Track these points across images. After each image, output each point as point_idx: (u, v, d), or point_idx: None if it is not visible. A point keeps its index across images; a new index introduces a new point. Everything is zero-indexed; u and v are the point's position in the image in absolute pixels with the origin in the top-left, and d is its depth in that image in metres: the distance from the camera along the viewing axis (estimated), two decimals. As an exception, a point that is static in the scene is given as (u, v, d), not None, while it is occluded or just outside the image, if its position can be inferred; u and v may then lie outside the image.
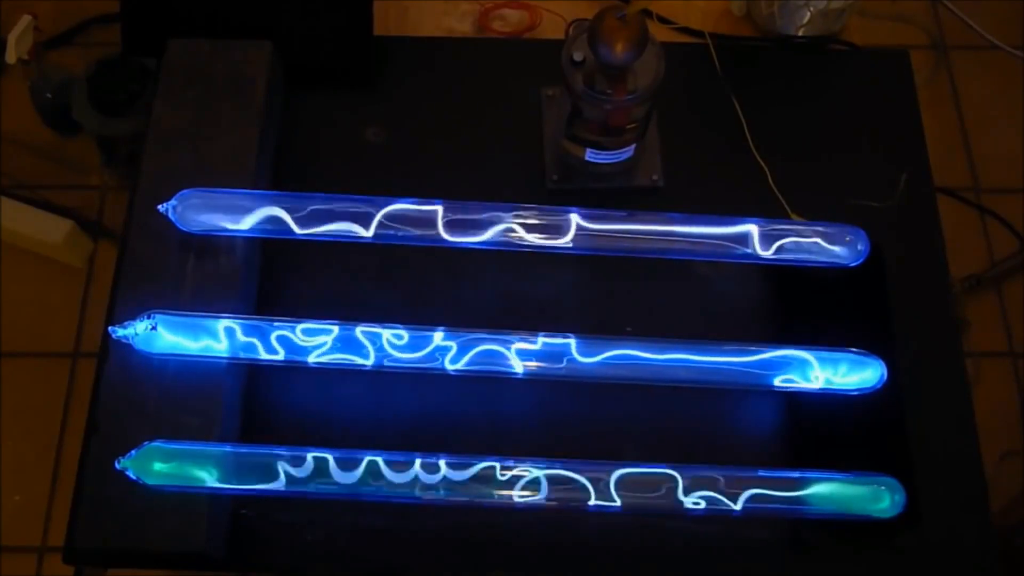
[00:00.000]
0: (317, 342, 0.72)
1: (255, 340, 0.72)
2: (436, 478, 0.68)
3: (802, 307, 0.83)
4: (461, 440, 0.74)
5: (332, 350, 0.72)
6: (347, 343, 0.72)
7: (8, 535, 1.18)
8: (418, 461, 0.69)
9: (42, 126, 1.33)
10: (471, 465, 0.69)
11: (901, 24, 1.50)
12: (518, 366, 0.72)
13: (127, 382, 0.73)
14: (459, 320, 0.74)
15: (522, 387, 0.77)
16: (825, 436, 0.77)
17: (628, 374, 0.73)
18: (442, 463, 0.69)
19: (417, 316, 0.74)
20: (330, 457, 0.68)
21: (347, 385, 0.78)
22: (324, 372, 0.74)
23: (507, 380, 0.74)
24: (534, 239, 0.75)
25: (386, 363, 0.72)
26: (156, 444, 0.68)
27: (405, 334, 0.72)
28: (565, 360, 0.72)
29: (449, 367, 0.72)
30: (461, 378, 0.73)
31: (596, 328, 0.75)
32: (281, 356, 0.72)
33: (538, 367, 0.73)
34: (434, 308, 0.82)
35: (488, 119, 0.92)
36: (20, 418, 1.23)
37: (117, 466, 0.67)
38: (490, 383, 0.75)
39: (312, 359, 0.72)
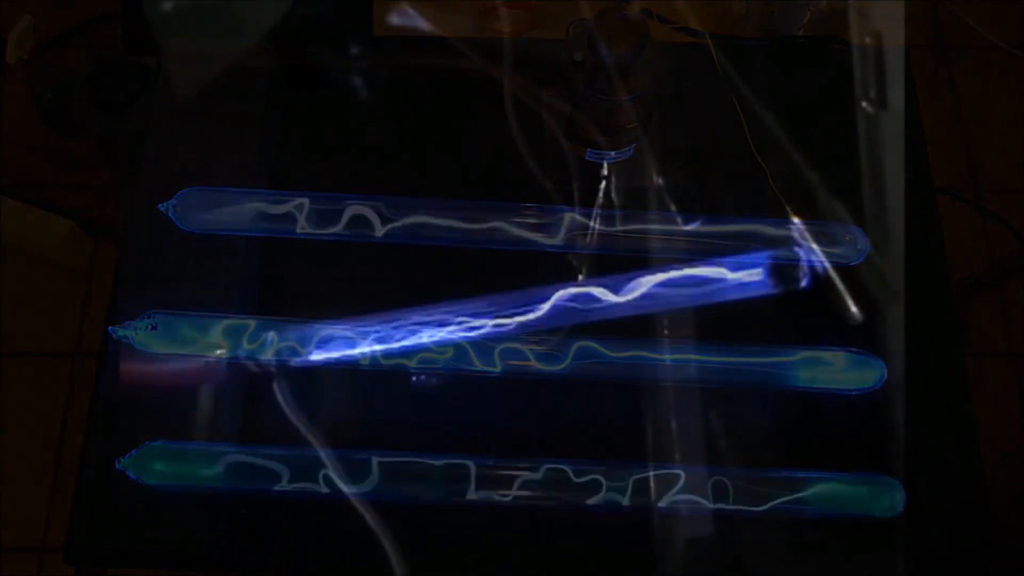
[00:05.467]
0: (317, 341, 0.72)
1: (255, 340, 0.71)
2: (435, 478, 0.68)
3: (802, 307, 0.82)
4: (460, 440, 0.74)
5: (332, 350, 0.72)
6: (348, 343, 0.72)
7: (8, 535, 1.18)
8: (417, 461, 0.69)
9: (42, 126, 1.33)
10: (470, 465, 0.69)
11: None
12: (517, 366, 0.72)
13: (127, 382, 0.73)
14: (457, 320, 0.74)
15: (521, 387, 0.77)
16: (825, 436, 0.77)
17: (628, 374, 0.73)
18: (441, 463, 0.69)
19: (418, 316, 0.74)
20: (329, 457, 0.68)
21: (347, 385, 0.78)
22: (324, 372, 0.74)
23: (506, 380, 0.74)
24: (534, 239, 0.75)
25: (386, 363, 0.72)
26: (156, 444, 0.68)
27: (406, 334, 0.72)
28: (566, 359, 0.72)
29: (448, 367, 0.72)
30: (460, 378, 0.73)
31: (596, 329, 0.75)
32: (281, 356, 0.72)
33: (538, 367, 0.72)
34: (435, 308, 0.82)
35: (488, 119, 0.92)
36: (20, 418, 1.23)
37: (117, 466, 0.67)
38: (489, 383, 0.75)
39: (312, 359, 0.72)
